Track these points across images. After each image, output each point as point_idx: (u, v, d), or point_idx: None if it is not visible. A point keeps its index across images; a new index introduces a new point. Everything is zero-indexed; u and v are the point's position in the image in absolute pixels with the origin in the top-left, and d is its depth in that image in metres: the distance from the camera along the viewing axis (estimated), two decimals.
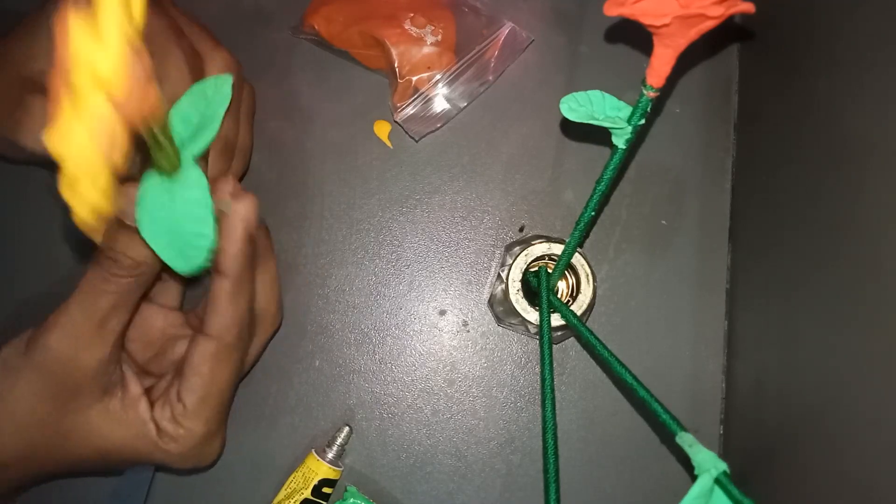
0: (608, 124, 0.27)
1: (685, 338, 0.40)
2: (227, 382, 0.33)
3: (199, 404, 0.32)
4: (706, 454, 0.26)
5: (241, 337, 0.33)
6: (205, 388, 0.32)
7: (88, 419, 0.31)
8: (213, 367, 0.32)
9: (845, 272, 0.29)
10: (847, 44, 0.31)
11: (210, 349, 0.32)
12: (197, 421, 0.32)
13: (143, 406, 0.32)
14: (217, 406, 0.33)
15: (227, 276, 0.31)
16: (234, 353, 0.33)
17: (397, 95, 0.40)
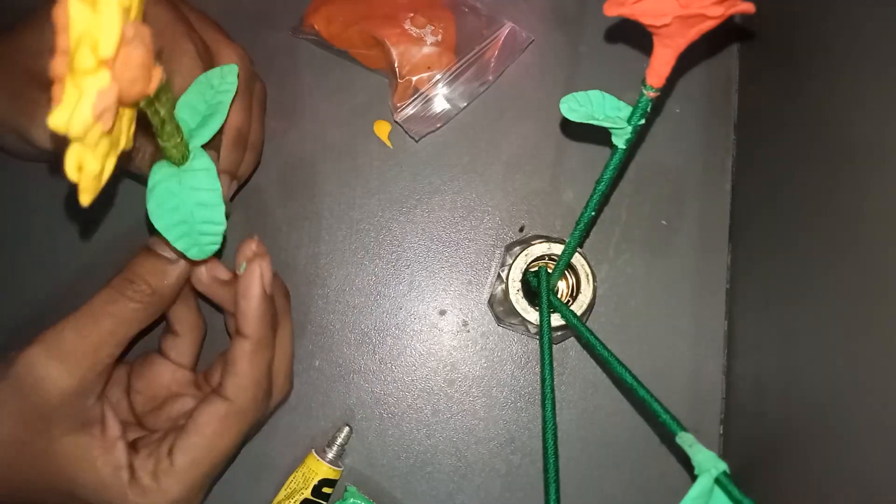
0: (608, 124, 0.27)
1: (685, 338, 0.40)
2: (226, 451, 0.32)
3: (189, 466, 0.30)
4: (706, 454, 0.26)
5: (256, 402, 0.32)
6: (201, 450, 0.31)
7: (59, 450, 0.29)
8: (218, 430, 0.31)
9: (845, 272, 0.29)
10: (847, 44, 0.31)
11: (221, 410, 0.31)
12: (178, 483, 0.30)
13: (119, 450, 0.30)
14: (206, 474, 0.31)
15: (247, 336, 0.31)
16: (244, 419, 0.32)
17: (397, 95, 0.40)
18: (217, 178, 0.28)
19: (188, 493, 0.31)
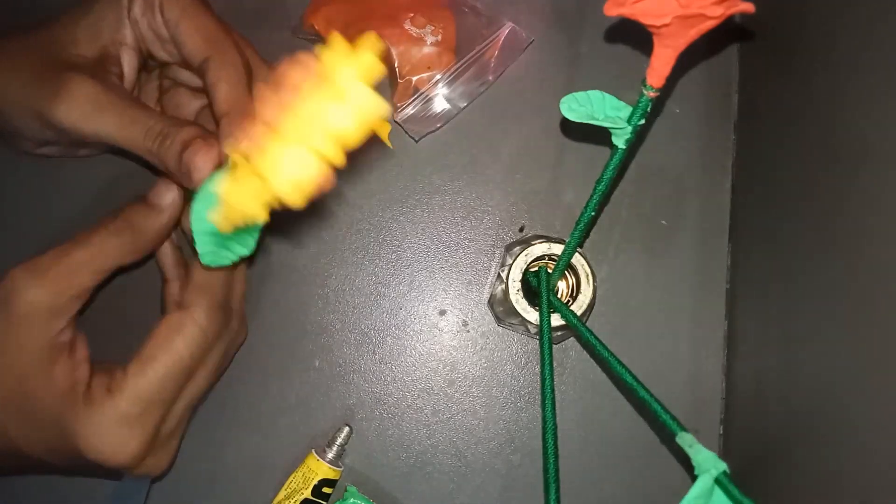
0: (608, 124, 0.27)
1: (685, 338, 0.40)
2: (180, 364, 0.32)
3: (140, 377, 0.31)
4: (706, 454, 0.26)
5: (212, 312, 0.32)
6: (154, 361, 0.31)
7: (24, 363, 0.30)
8: (171, 338, 0.31)
9: (845, 272, 0.29)
10: (847, 44, 0.31)
11: (175, 318, 0.32)
12: (128, 396, 0.30)
13: (82, 370, 0.31)
14: (158, 388, 0.31)
15: None
16: (199, 329, 0.32)
17: (397, 95, 0.40)
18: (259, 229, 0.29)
19: (138, 407, 0.30)
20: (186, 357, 0.32)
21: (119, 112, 0.32)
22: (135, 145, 0.32)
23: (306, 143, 0.21)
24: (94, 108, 0.32)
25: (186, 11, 0.33)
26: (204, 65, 0.33)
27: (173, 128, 0.32)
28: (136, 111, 0.32)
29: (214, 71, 0.33)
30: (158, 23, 0.34)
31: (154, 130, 0.32)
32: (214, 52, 0.33)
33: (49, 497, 0.38)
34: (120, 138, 0.32)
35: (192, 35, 0.33)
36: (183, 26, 0.33)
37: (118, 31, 0.34)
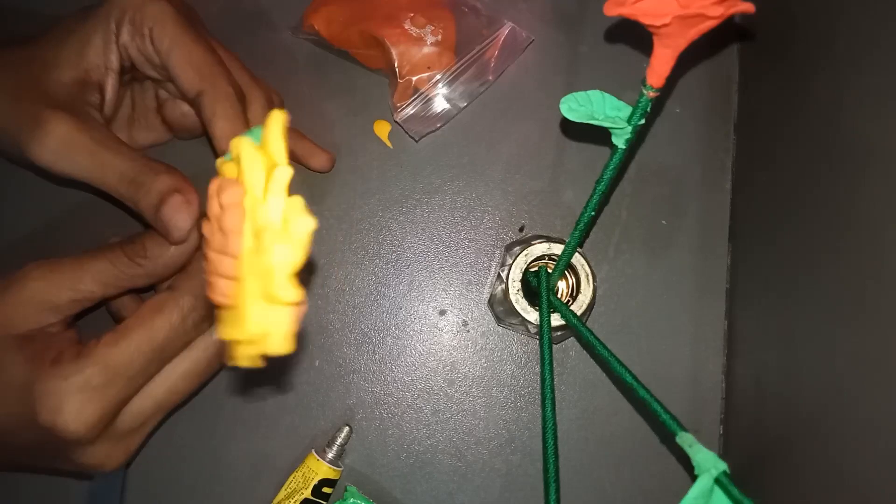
0: (608, 124, 0.27)
1: (685, 338, 0.40)
2: (153, 341, 0.31)
3: (110, 347, 0.30)
4: (706, 454, 0.26)
5: (196, 300, 0.32)
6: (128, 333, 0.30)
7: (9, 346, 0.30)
8: (151, 315, 0.31)
9: (845, 272, 0.29)
10: (847, 44, 0.31)
11: (160, 298, 0.31)
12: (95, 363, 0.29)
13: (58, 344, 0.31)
14: (127, 361, 0.30)
15: None
16: (181, 312, 0.31)
17: (397, 95, 0.40)
18: None
19: (103, 375, 0.30)
20: (161, 337, 0.31)
21: (92, 154, 0.32)
22: (109, 188, 0.32)
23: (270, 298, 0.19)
24: (67, 150, 0.31)
25: (177, 41, 0.33)
26: (198, 99, 0.33)
27: (148, 175, 0.31)
28: (109, 154, 0.32)
29: (209, 106, 0.33)
30: (149, 49, 0.34)
31: (127, 176, 0.31)
32: (207, 85, 0.33)
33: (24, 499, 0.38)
34: (93, 181, 0.32)
35: (183, 68, 0.33)
36: (174, 58, 0.33)
37: (104, 55, 0.34)
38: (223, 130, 0.33)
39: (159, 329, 0.31)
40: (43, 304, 0.31)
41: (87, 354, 0.30)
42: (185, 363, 0.33)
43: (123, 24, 0.33)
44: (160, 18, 0.33)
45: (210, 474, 0.39)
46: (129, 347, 0.30)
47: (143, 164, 0.32)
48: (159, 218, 0.31)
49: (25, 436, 0.30)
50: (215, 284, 0.20)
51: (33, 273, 0.31)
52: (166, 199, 0.31)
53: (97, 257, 0.32)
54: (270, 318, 0.20)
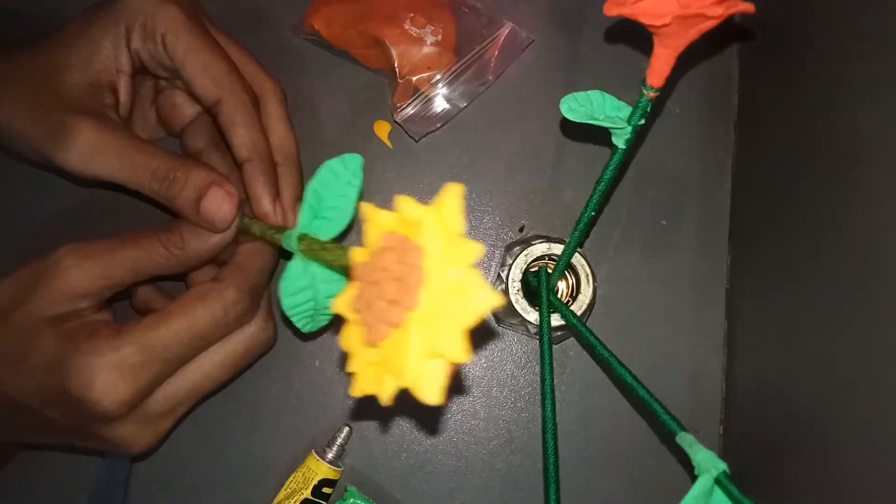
0: (608, 124, 0.27)
1: (685, 338, 0.40)
2: (193, 330, 0.31)
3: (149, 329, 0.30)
4: (706, 454, 0.26)
5: (241, 294, 0.32)
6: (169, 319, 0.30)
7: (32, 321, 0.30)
8: (194, 305, 0.31)
9: (845, 272, 0.29)
10: (847, 43, 0.31)
11: (205, 288, 0.32)
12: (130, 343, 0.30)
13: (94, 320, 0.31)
14: (164, 345, 0.30)
15: None
16: (224, 305, 0.32)
17: (397, 95, 0.40)
18: None
19: (139, 356, 0.30)
20: (201, 326, 0.31)
21: (121, 156, 0.32)
22: (140, 187, 0.33)
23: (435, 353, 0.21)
24: (95, 153, 0.32)
25: (191, 49, 0.33)
26: (216, 107, 0.34)
27: (180, 171, 0.32)
28: (138, 154, 0.32)
29: (228, 114, 0.34)
30: (161, 55, 0.34)
31: (159, 173, 0.32)
32: (224, 93, 0.34)
33: (28, 490, 0.38)
34: (124, 181, 0.33)
35: (199, 76, 0.33)
36: (189, 66, 0.33)
37: (115, 59, 0.34)
38: (242, 138, 0.34)
39: (200, 317, 0.31)
40: (77, 291, 0.31)
41: (126, 333, 0.30)
42: (220, 353, 0.33)
43: (134, 30, 0.33)
44: (173, 25, 0.33)
45: (210, 474, 0.39)
46: (168, 331, 0.30)
47: (174, 161, 0.33)
48: (202, 212, 0.32)
49: (56, 411, 0.31)
50: (377, 329, 0.21)
51: (67, 260, 0.30)
52: (205, 194, 0.32)
53: (131, 244, 0.32)
54: (429, 370, 0.21)
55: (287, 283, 0.28)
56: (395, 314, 0.20)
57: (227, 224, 0.32)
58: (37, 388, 0.30)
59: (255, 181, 0.34)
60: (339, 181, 0.29)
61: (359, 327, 0.22)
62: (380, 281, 0.21)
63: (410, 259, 0.20)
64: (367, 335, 0.21)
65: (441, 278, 0.20)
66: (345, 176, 0.29)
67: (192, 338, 0.31)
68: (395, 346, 0.21)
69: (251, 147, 0.34)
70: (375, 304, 0.21)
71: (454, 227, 0.21)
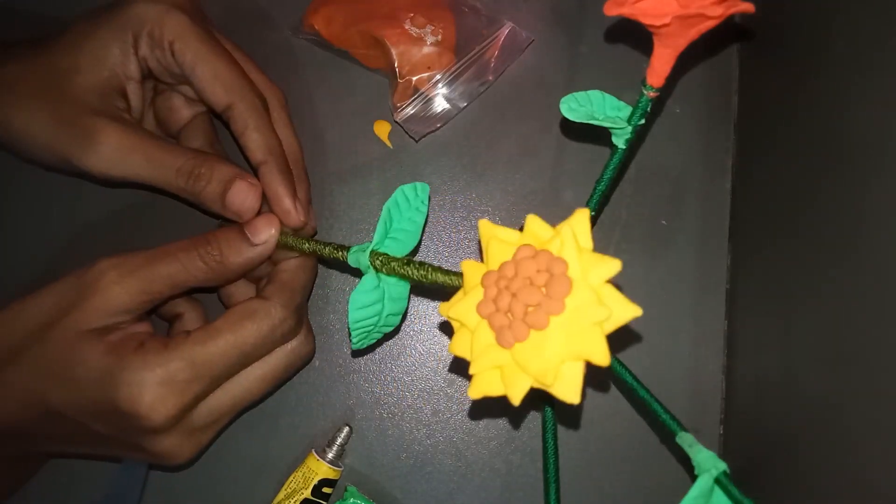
0: (608, 124, 0.27)
1: (685, 338, 0.40)
2: (240, 347, 0.31)
3: (196, 346, 0.30)
4: (706, 454, 0.26)
5: (287, 311, 0.32)
6: (218, 336, 0.31)
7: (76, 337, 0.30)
8: (240, 322, 0.31)
9: (845, 272, 0.29)
10: (847, 44, 0.31)
11: (253, 305, 0.32)
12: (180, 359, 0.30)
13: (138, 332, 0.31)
14: (212, 362, 0.31)
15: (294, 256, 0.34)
16: (271, 322, 0.32)
17: (397, 95, 0.40)
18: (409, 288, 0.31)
19: (187, 373, 0.30)
20: (250, 343, 0.32)
21: (147, 154, 0.33)
22: (167, 185, 0.33)
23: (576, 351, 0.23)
24: (122, 155, 0.33)
25: (200, 56, 0.34)
26: (227, 112, 0.34)
27: (205, 166, 0.33)
28: (163, 152, 0.33)
29: (240, 119, 0.34)
30: (170, 62, 0.34)
31: (185, 170, 0.33)
32: (235, 99, 0.34)
33: (46, 491, 0.38)
34: (151, 180, 0.33)
35: (210, 83, 0.34)
36: (199, 73, 0.34)
37: (124, 66, 0.34)
38: (257, 142, 0.34)
39: (249, 335, 0.31)
40: (118, 307, 0.31)
41: (175, 348, 0.30)
42: (264, 367, 0.33)
43: (142, 38, 0.34)
44: (181, 33, 0.33)
45: (210, 474, 0.39)
46: (216, 348, 0.31)
47: (198, 158, 0.34)
48: (227, 204, 0.33)
49: (102, 423, 0.31)
50: (516, 331, 0.23)
51: (108, 276, 0.30)
52: (230, 187, 0.33)
53: (170, 258, 0.32)
54: (569, 370, 0.23)
55: (359, 296, 0.29)
56: (539, 318, 0.22)
57: (252, 213, 0.33)
58: (83, 400, 0.30)
59: (273, 181, 0.34)
60: (409, 206, 0.30)
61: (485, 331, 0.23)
62: (520, 288, 0.23)
63: (556, 269, 0.23)
64: (502, 337, 0.23)
65: (585, 288, 0.23)
66: (415, 202, 0.30)
67: (240, 355, 0.32)
68: (535, 347, 0.23)
69: (266, 149, 0.34)
70: (515, 309, 0.22)
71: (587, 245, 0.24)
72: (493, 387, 0.24)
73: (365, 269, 0.29)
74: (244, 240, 0.33)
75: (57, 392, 0.30)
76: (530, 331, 0.22)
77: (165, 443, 0.31)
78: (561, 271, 0.23)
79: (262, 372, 0.33)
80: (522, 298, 0.22)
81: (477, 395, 0.24)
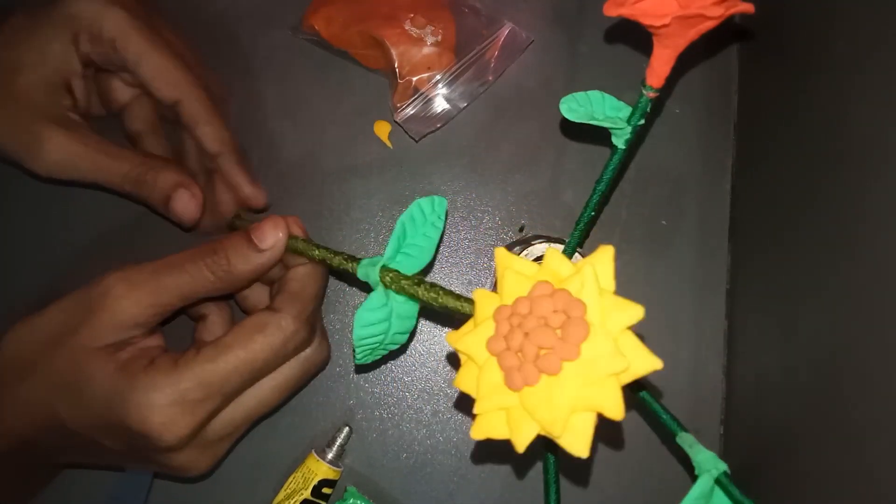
0: (608, 124, 0.27)
1: (685, 338, 0.40)
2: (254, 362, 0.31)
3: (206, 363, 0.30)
4: (706, 454, 0.26)
5: (300, 321, 0.32)
6: (229, 351, 0.30)
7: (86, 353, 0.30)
8: (252, 335, 0.31)
9: (845, 272, 0.29)
10: (847, 44, 0.31)
11: (264, 317, 0.31)
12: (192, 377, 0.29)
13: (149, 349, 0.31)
14: (225, 379, 0.30)
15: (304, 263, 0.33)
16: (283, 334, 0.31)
17: (397, 95, 0.40)
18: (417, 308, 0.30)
19: (199, 391, 0.30)
20: (261, 358, 0.31)
21: (94, 162, 0.34)
22: (115, 188, 0.35)
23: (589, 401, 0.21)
24: (70, 161, 0.33)
25: (143, 53, 0.34)
26: (176, 107, 0.35)
27: (150, 174, 0.34)
28: (109, 159, 0.34)
29: (189, 114, 0.35)
30: (112, 57, 0.34)
31: (130, 177, 0.34)
32: (182, 94, 0.35)
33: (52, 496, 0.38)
34: (100, 182, 0.35)
35: (155, 79, 0.35)
36: (143, 70, 0.34)
37: (66, 62, 0.34)
38: (209, 135, 0.36)
39: (260, 350, 0.31)
40: (129, 322, 0.30)
41: (185, 367, 0.30)
42: (278, 377, 0.33)
43: (81, 35, 0.34)
44: (121, 30, 0.34)
45: (210, 474, 0.39)
46: (227, 365, 0.30)
47: (144, 164, 0.34)
48: (171, 210, 0.35)
49: (114, 441, 0.31)
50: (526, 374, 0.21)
51: (116, 290, 0.30)
52: (172, 196, 0.34)
53: (178, 270, 0.31)
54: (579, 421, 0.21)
55: (365, 314, 0.28)
56: (552, 362, 0.21)
57: (192, 222, 0.35)
58: (94, 419, 0.30)
59: (231, 171, 0.36)
60: (425, 220, 0.29)
61: (494, 369, 0.22)
62: (534, 328, 0.21)
63: (574, 312, 0.21)
64: (511, 379, 0.21)
65: (603, 335, 0.21)
66: (431, 217, 0.29)
67: (252, 371, 0.31)
68: (546, 393, 0.21)
69: (220, 141, 0.36)
70: (527, 349, 0.21)
71: (609, 286, 0.22)
72: (498, 429, 0.23)
73: (374, 284, 0.28)
74: (251, 246, 0.32)
75: (69, 409, 0.30)
76: (541, 375, 0.21)
77: (181, 458, 0.31)
78: (579, 314, 0.21)
79: (276, 383, 0.33)
80: (535, 339, 0.21)
81: (480, 436, 0.23)
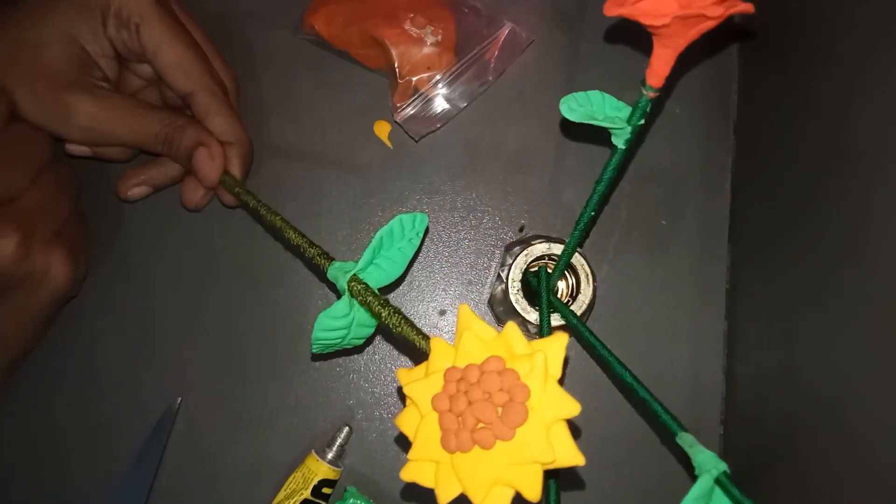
0: (608, 124, 0.27)
1: (685, 338, 0.40)
2: None
3: None
4: (706, 454, 0.26)
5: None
6: None
7: None
8: None
9: (845, 271, 0.29)
10: (847, 44, 0.31)
11: None
12: None
13: None
14: None
15: None
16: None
17: (397, 95, 0.40)
18: None
19: None
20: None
21: (128, 125, 0.35)
22: (148, 149, 0.37)
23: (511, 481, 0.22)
24: (103, 125, 0.35)
25: (163, 42, 0.35)
26: (188, 98, 0.36)
27: (176, 132, 0.36)
28: (141, 121, 0.35)
29: (202, 105, 0.36)
30: (135, 43, 0.35)
31: (160, 137, 0.36)
32: (196, 86, 0.36)
33: (53, 494, 0.38)
34: (132, 144, 0.36)
35: (172, 69, 0.36)
36: (161, 59, 0.35)
37: (95, 42, 0.35)
38: (220, 126, 0.37)
39: None
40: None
41: None
42: None
43: (109, 17, 0.34)
44: (146, 15, 0.34)
45: (210, 474, 0.39)
46: None
47: (169, 124, 0.36)
48: (193, 167, 0.36)
49: None
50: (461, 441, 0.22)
51: None
52: (194, 151, 0.36)
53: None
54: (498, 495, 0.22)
55: (328, 320, 0.28)
56: (487, 438, 0.22)
57: (212, 184, 0.37)
58: None
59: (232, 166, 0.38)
60: (403, 236, 0.30)
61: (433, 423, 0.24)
62: (477, 400, 0.22)
63: (517, 397, 0.22)
64: (447, 441, 0.23)
65: (539, 424, 0.22)
66: (409, 233, 0.30)
67: None
68: (474, 463, 0.22)
69: (230, 133, 0.37)
70: (466, 418, 0.22)
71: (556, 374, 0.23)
72: (426, 478, 0.24)
73: (342, 290, 0.29)
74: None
75: None
76: (475, 446, 0.22)
77: None
78: (521, 400, 0.22)
79: None
80: (476, 412, 0.22)
81: (408, 479, 0.24)
